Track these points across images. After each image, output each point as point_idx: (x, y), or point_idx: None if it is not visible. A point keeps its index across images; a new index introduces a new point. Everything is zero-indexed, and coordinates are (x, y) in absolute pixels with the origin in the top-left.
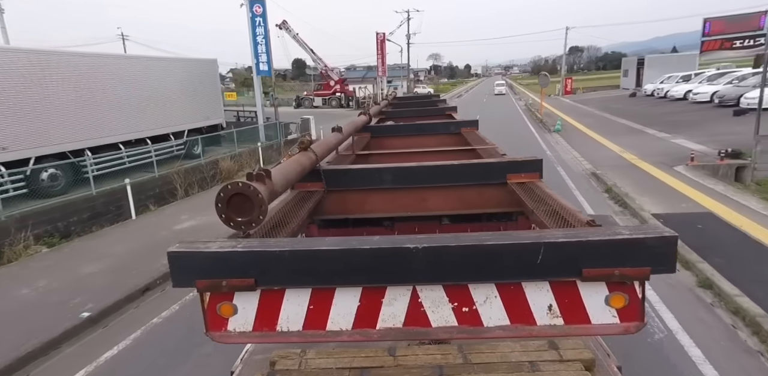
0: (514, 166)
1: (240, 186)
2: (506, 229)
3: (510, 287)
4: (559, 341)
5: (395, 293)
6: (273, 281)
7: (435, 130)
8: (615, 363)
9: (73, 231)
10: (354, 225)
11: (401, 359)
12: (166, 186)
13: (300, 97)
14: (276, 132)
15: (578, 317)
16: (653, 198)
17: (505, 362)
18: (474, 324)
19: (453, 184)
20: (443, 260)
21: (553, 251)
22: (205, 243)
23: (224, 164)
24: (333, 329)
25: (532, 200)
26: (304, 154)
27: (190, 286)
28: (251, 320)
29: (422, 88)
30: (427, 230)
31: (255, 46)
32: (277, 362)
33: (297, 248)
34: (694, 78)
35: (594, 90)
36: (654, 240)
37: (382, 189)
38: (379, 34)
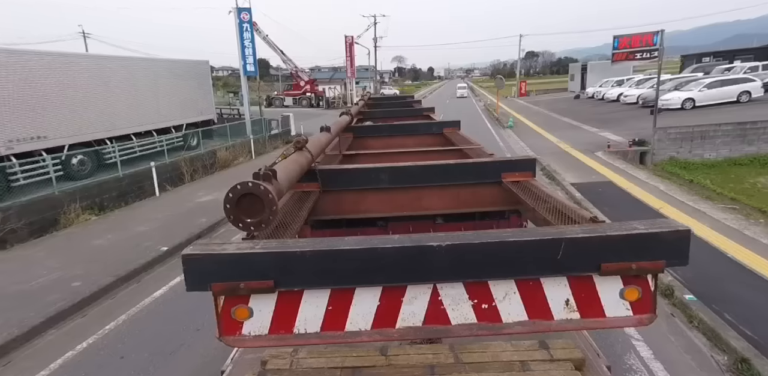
0: (508, 165)
1: (250, 186)
2: (499, 227)
3: (529, 283)
4: (550, 341)
5: (415, 291)
6: (293, 283)
7: (418, 130)
8: (605, 363)
9: (107, 206)
10: (347, 226)
11: (393, 359)
12: (175, 171)
13: (270, 96)
14: (261, 127)
15: (594, 310)
16: (573, 173)
17: (497, 361)
18: (493, 321)
19: (448, 184)
20: (465, 257)
21: (573, 247)
22: (221, 245)
23: (221, 154)
24: (352, 329)
25: (531, 198)
26: (300, 154)
27: (206, 289)
28: (267, 323)
29: (388, 89)
30: (422, 230)
31: (242, 50)
32: (269, 361)
33: (318, 248)
34: (626, 83)
35: (546, 92)
36: (668, 234)
37: (378, 189)
38: (348, 37)
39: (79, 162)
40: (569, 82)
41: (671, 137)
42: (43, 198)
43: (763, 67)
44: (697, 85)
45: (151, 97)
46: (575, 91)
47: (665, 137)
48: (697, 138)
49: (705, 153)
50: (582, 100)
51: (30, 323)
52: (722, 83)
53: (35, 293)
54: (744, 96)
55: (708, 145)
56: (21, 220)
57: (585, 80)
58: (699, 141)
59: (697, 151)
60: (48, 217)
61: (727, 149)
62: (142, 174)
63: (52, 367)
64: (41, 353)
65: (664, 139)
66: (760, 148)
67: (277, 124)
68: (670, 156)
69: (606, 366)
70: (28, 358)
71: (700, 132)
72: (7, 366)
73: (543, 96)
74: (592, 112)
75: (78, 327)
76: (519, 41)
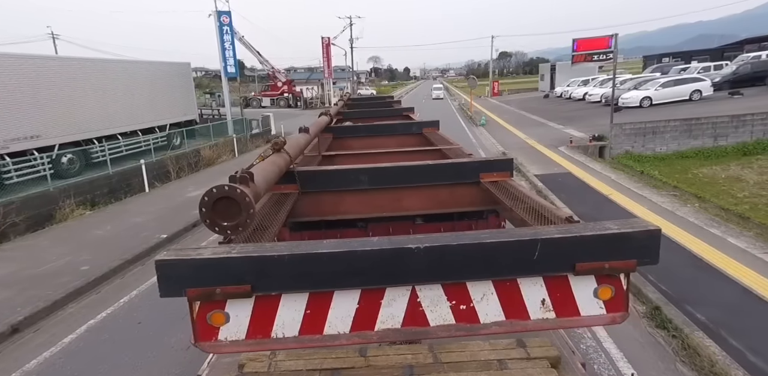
0: (486, 165)
1: (226, 190)
2: (477, 227)
3: (506, 284)
4: (527, 340)
5: (394, 293)
6: (270, 287)
7: (397, 130)
8: (579, 360)
9: (99, 202)
10: (327, 227)
11: (372, 360)
12: (161, 169)
13: (248, 97)
14: (243, 127)
15: (569, 309)
16: (537, 166)
17: (475, 360)
18: (471, 321)
19: (427, 184)
20: (443, 259)
21: (549, 247)
22: (195, 250)
23: (205, 152)
24: (331, 333)
25: (509, 198)
26: (278, 155)
27: (180, 295)
28: (244, 328)
29: (365, 89)
30: (401, 230)
31: (223, 52)
32: (246, 364)
33: (296, 252)
34: (591, 82)
35: (518, 92)
36: (640, 234)
37: (358, 190)
38: (324, 38)
39: (68, 161)
40: (539, 81)
41: (626, 133)
42: (40, 194)
43: (715, 67)
44: (653, 84)
45: (136, 99)
46: (545, 90)
47: (621, 133)
48: (649, 133)
49: (656, 147)
50: (551, 100)
51: (51, 298)
52: (676, 83)
53: (49, 275)
54: (695, 94)
55: (659, 139)
56: (20, 214)
57: (554, 80)
58: (651, 136)
59: (649, 146)
60: (44, 212)
61: (676, 143)
62: (131, 172)
63: (78, 331)
64: (66, 321)
65: (620, 134)
66: (704, 143)
67: (257, 124)
68: (626, 150)
69: (581, 363)
70: (55, 326)
71: (652, 128)
72: (37, 332)
73: (515, 95)
74: (559, 111)
75: (94, 302)
76: (491, 42)
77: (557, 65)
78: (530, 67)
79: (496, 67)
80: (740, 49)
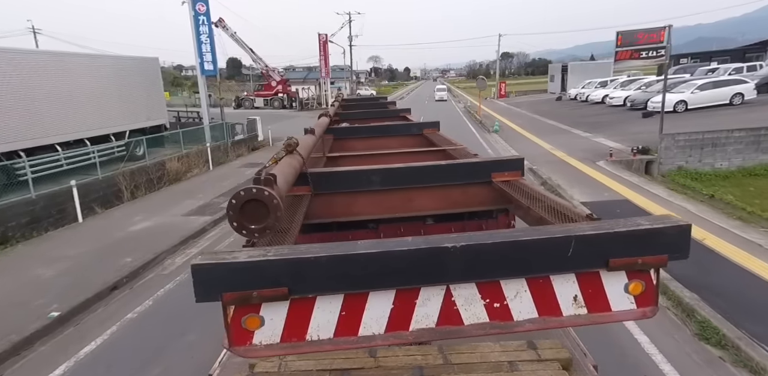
0: (497, 165)
1: (254, 192)
2: (488, 227)
3: (539, 281)
4: (537, 341)
5: (429, 293)
6: (307, 289)
7: (397, 131)
8: (591, 362)
9: (12, 237)
10: (337, 229)
11: (382, 360)
12: (110, 188)
13: (240, 97)
14: (223, 133)
15: (601, 305)
16: (581, 189)
17: (485, 362)
18: (505, 319)
19: (439, 185)
20: (479, 257)
21: (582, 244)
22: (230, 253)
23: (171, 165)
24: (366, 334)
25: (525, 196)
26: (291, 156)
27: (216, 300)
28: (279, 332)
29: (365, 89)
30: (412, 231)
31: (199, 46)
32: (257, 364)
33: (333, 253)
34: (610, 84)
35: (525, 93)
36: (671, 229)
37: (370, 191)
38: (322, 35)
39: None
40: (549, 83)
41: (679, 145)
42: None
43: (748, 68)
44: (688, 86)
45: (85, 99)
46: (555, 92)
47: (673, 145)
48: (707, 146)
49: (716, 162)
50: (564, 102)
51: None
52: (714, 85)
53: None
54: (737, 98)
55: (719, 153)
56: None
57: (565, 81)
58: (710, 149)
59: (707, 160)
60: None
61: (740, 158)
62: (65, 194)
63: None
64: None
65: (671, 147)
66: None
67: (242, 129)
68: (679, 166)
69: (593, 366)
70: None
71: (711, 139)
72: None
73: (523, 97)
74: (579, 115)
75: None
76: (498, 40)
77: (570, 65)
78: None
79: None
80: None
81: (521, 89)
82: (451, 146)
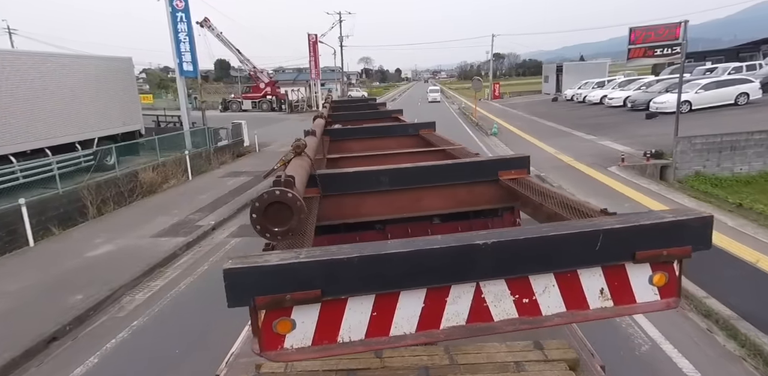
0: (504, 163)
1: (277, 194)
2: (494, 225)
3: (567, 275)
4: (544, 341)
5: (459, 290)
6: (339, 291)
7: (394, 132)
8: (599, 363)
9: None
10: (345, 230)
11: (388, 361)
12: (73, 204)
13: (227, 100)
14: (204, 138)
15: (626, 297)
16: (598, 199)
17: (491, 362)
18: (534, 314)
19: (446, 184)
20: (509, 253)
21: (609, 237)
22: (261, 256)
23: (145, 176)
24: (397, 333)
25: (535, 193)
26: (301, 158)
27: (248, 304)
28: (310, 335)
29: (356, 91)
30: (420, 231)
31: (177, 45)
32: (263, 364)
33: (365, 254)
34: (608, 84)
35: (519, 94)
36: (695, 221)
37: (378, 192)
38: (311, 35)
39: None
40: (543, 83)
41: (696, 148)
42: None
43: (747, 67)
44: (692, 86)
45: (46, 104)
46: (550, 93)
47: (689, 148)
48: (726, 149)
49: (735, 166)
50: (561, 103)
51: None
52: (719, 85)
53: None
54: (742, 98)
55: (738, 156)
56: None
57: (560, 82)
58: (728, 152)
59: (726, 165)
60: None
61: (761, 162)
62: (14, 213)
63: None
64: None
65: (688, 150)
66: None
67: (226, 134)
68: (696, 170)
69: (600, 366)
70: None
71: (730, 142)
72: None
73: (517, 98)
74: (578, 117)
75: None
76: (491, 41)
77: (564, 66)
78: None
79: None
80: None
81: (515, 90)
82: (449, 146)
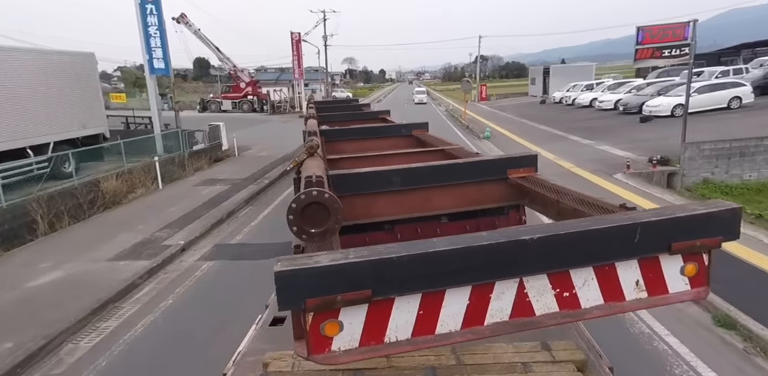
0: (512, 161)
1: (315, 195)
2: (500, 223)
3: (605, 268)
4: (552, 342)
5: (503, 286)
6: (389, 290)
7: (387, 132)
8: (607, 364)
9: None
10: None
11: (394, 360)
12: (19, 220)
13: (206, 100)
14: (178, 142)
15: (660, 288)
16: None
17: (498, 363)
18: (573, 307)
19: (456, 183)
20: (553, 248)
21: (647, 230)
22: (310, 258)
23: (108, 185)
24: (442, 331)
25: (549, 191)
26: (314, 159)
27: (299, 307)
28: (358, 336)
29: (341, 92)
30: (429, 230)
31: (147, 40)
32: (270, 363)
33: (414, 252)
34: (597, 87)
35: (506, 96)
36: (725, 212)
37: (390, 192)
38: (294, 34)
39: None
40: (530, 86)
41: (705, 154)
42: None
43: (734, 71)
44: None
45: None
46: (537, 95)
47: (698, 155)
48: (735, 155)
49: (744, 173)
50: (549, 106)
51: None
52: (712, 88)
53: None
54: (734, 102)
55: (747, 163)
56: None
57: (547, 84)
58: (737, 159)
59: (735, 171)
60: None
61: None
62: None
63: None
64: None
65: (696, 157)
66: None
67: (203, 137)
68: (704, 177)
69: (608, 368)
70: None
71: (739, 148)
72: None
73: (504, 101)
74: (570, 120)
75: None
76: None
77: (552, 68)
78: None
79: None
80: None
81: (500, 92)
82: (448, 146)
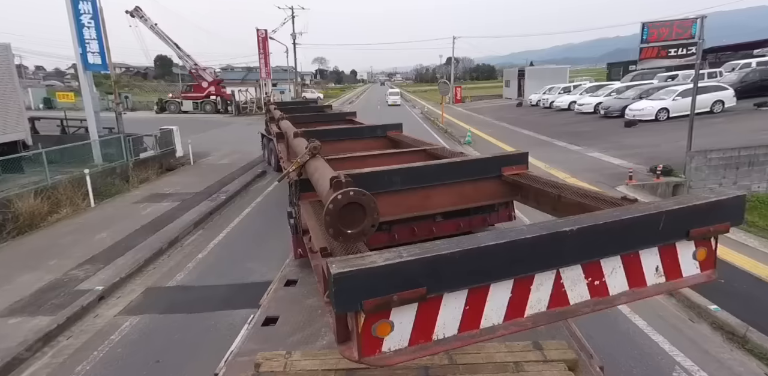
0: (506, 160)
1: (352, 195)
2: (491, 220)
3: (630, 256)
4: (543, 342)
5: (542, 278)
6: (441, 287)
7: (362, 134)
8: (598, 363)
9: None
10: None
11: None
12: None
13: (164, 100)
14: (121, 149)
15: (675, 273)
16: None
17: (490, 362)
18: (602, 295)
19: (453, 181)
20: (589, 239)
21: (671, 218)
22: (363, 258)
23: (24, 204)
24: (487, 326)
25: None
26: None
27: (356, 309)
28: (407, 336)
29: (311, 92)
30: (425, 229)
31: (80, 30)
32: (262, 363)
33: (464, 248)
34: (574, 90)
35: (480, 99)
36: (733, 200)
37: (390, 191)
38: (261, 31)
39: None
40: (504, 88)
41: (712, 164)
42: None
43: (709, 75)
44: (668, 93)
45: None
46: (511, 98)
47: (705, 164)
48: (744, 165)
49: (753, 184)
50: (526, 108)
51: None
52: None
53: None
54: (717, 106)
55: (756, 173)
56: None
57: (522, 87)
58: (746, 169)
59: (743, 182)
60: None
61: None
62: None
63: None
64: None
65: (703, 167)
66: None
67: (153, 143)
68: (711, 189)
69: (599, 367)
70: None
71: (748, 157)
72: None
73: (479, 103)
74: (551, 124)
75: None
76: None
77: (527, 70)
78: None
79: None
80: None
81: (475, 94)
82: (428, 146)
